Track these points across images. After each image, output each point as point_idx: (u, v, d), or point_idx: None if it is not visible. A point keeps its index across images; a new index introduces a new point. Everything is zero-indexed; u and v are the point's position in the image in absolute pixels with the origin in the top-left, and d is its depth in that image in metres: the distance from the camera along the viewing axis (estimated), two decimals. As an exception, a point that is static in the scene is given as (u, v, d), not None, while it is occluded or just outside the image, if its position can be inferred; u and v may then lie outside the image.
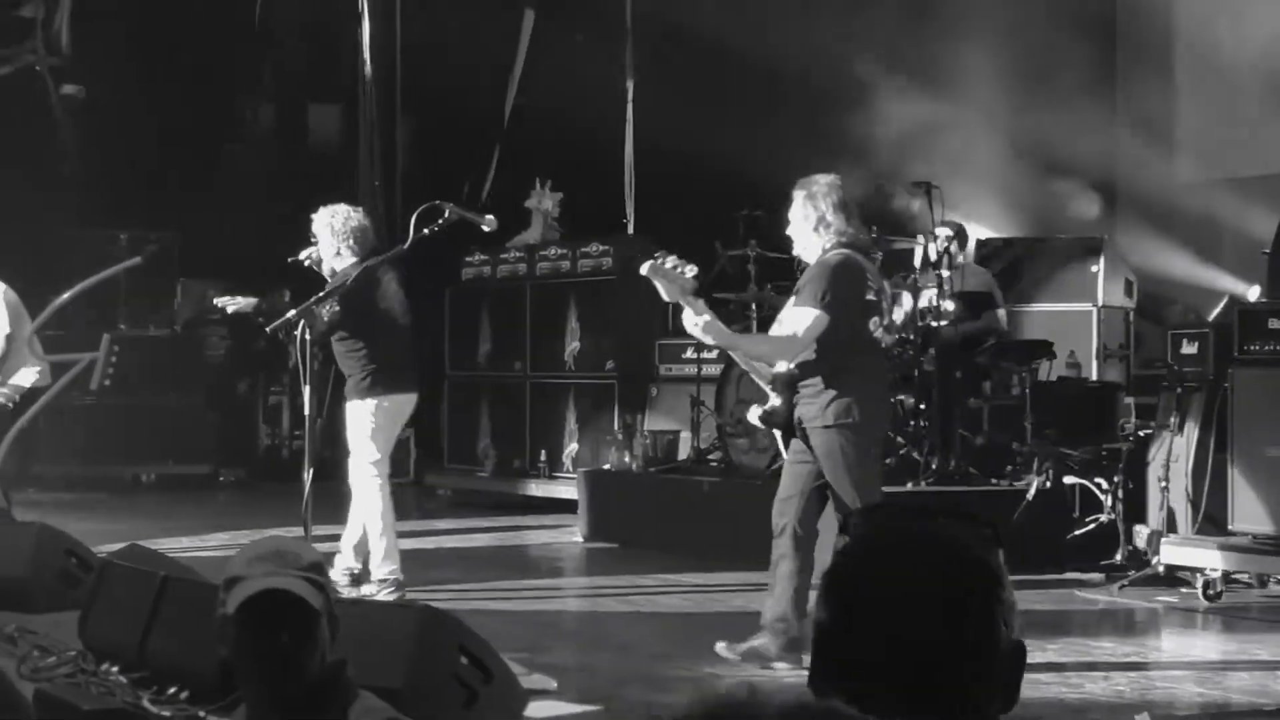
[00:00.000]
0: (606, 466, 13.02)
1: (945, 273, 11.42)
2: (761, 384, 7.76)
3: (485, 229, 8.69)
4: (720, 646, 7.60)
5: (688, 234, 13.87)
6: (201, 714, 6.32)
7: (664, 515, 11.93)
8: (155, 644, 6.92)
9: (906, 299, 11.46)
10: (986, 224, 14.66)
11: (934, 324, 11.36)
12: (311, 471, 7.97)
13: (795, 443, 7.58)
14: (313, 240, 9.79)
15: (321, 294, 8.98)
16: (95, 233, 16.86)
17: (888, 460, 10.92)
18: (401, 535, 12.80)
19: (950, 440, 11.20)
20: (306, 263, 9.89)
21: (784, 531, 7.58)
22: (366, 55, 17.80)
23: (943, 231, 11.73)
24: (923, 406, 11.32)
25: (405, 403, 9.79)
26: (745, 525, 11.10)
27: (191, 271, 17.79)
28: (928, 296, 11.44)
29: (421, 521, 13.94)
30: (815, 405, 7.42)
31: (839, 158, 14.23)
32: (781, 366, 7.57)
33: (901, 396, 11.33)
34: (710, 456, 12.38)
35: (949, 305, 11.42)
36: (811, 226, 7.60)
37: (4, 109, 18.21)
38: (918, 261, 11.61)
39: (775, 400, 7.60)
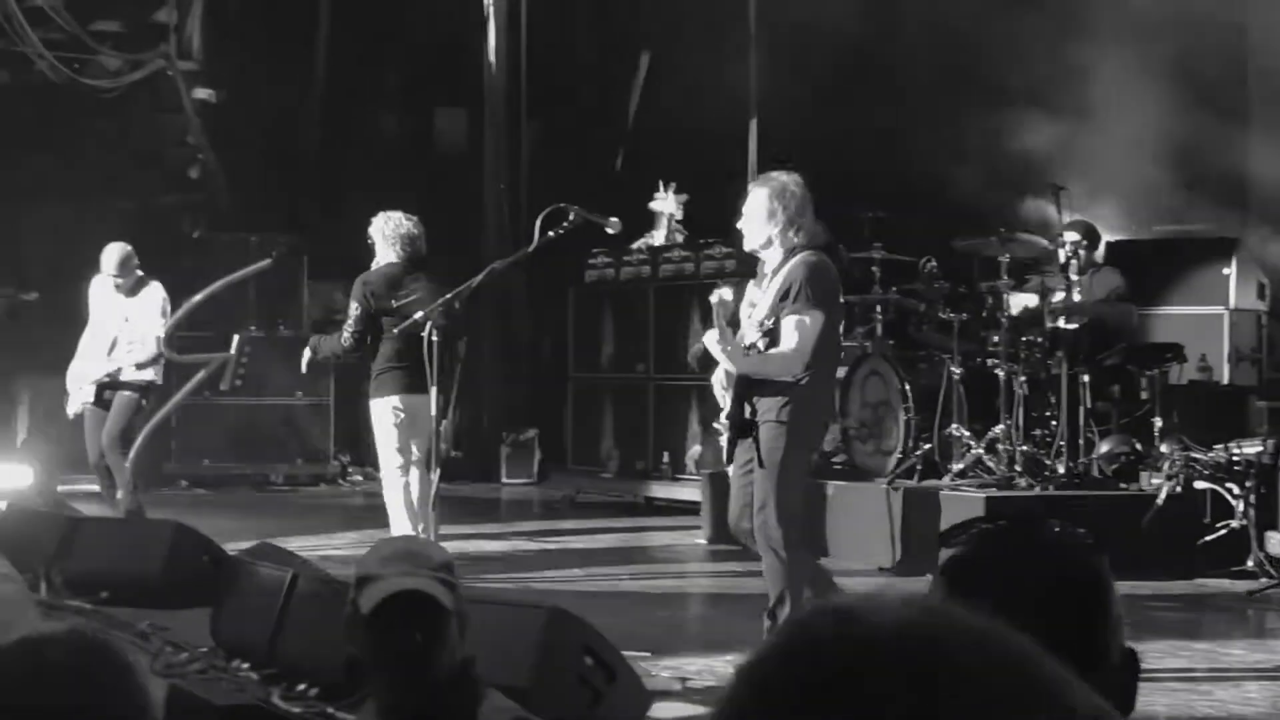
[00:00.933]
0: (729, 469, 12.98)
1: (1074, 275, 11.30)
2: (718, 389, 7.72)
3: (609, 231, 8.73)
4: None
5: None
6: (330, 711, 6.39)
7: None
8: (285, 641, 7.01)
9: (1028, 298, 11.36)
10: (1117, 226, 14.48)
11: (1062, 326, 11.24)
12: (438, 471, 8.04)
13: (741, 452, 7.56)
14: (370, 241, 10.32)
15: (449, 294, 9.05)
16: (226, 236, 17.09)
17: (1014, 463, 10.84)
18: (525, 535, 12.90)
19: (1078, 444, 11.08)
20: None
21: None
22: (492, 59, 17.91)
23: (1070, 234, 11.61)
24: (1050, 410, 11.21)
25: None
26: (869, 527, 11.07)
27: (319, 274, 17.99)
28: (1056, 298, 11.33)
29: (545, 522, 14.01)
30: (773, 402, 7.42)
31: (964, 158, 14.18)
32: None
33: (1030, 399, 11.24)
34: (834, 459, 12.33)
35: (1078, 307, 11.30)
36: (779, 226, 7.54)
37: (137, 113, 18.52)
38: (1051, 263, 11.52)
39: (735, 405, 7.56)
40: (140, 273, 11.66)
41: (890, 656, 1.01)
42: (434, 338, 8.63)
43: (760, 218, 7.58)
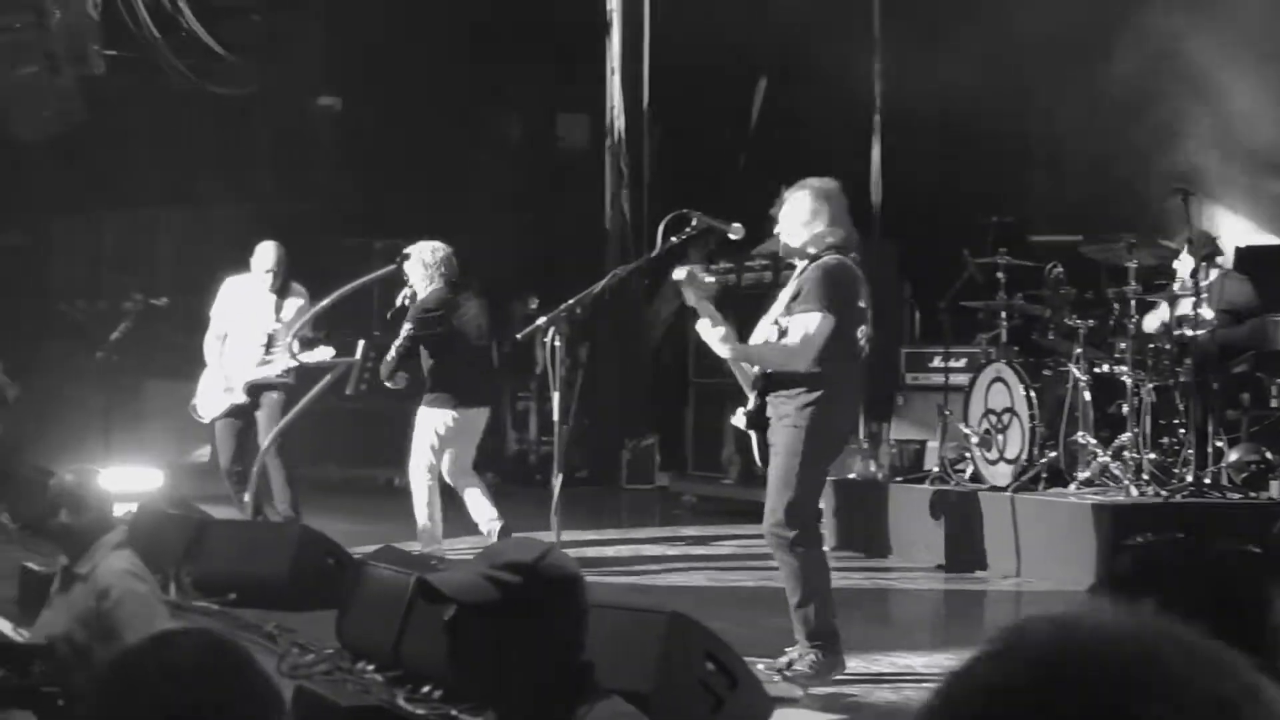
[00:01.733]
0: (852, 475, 12.95)
1: (1203, 281, 11.16)
2: (745, 386, 7.77)
3: (732, 236, 8.70)
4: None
5: (935, 242, 13.79)
6: (454, 713, 6.43)
7: (910, 525, 11.84)
8: (409, 643, 7.06)
9: (1163, 308, 11.24)
10: (1247, 230, 14.28)
11: (1190, 333, 11.11)
12: (561, 476, 8.07)
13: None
14: (405, 280, 11.18)
15: (571, 301, 9.08)
16: (350, 241, 17.26)
17: (1141, 472, 10.72)
18: (645, 541, 12.92)
19: (1207, 453, 10.93)
20: (403, 302, 11.22)
21: None
22: (615, 64, 17.97)
23: (1198, 240, 11.46)
24: (1178, 418, 11.07)
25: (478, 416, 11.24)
26: (992, 535, 10.99)
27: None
28: (1185, 305, 11.19)
29: (666, 528, 14.02)
30: (791, 404, 7.46)
31: (1091, 162, 14.03)
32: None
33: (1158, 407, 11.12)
34: (957, 466, 12.25)
35: (1207, 314, 11.16)
36: (817, 230, 7.61)
37: (263, 120, 18.77)
38: (1178, 269, 11.38)
39: (755, 401, 7.56)
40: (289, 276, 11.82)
41: (1108, 665, 1.03)
42: (556, 343, 8.65)
43: (801, 220, 7.64)
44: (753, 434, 7.71)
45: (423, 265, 11.10)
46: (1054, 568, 10.45)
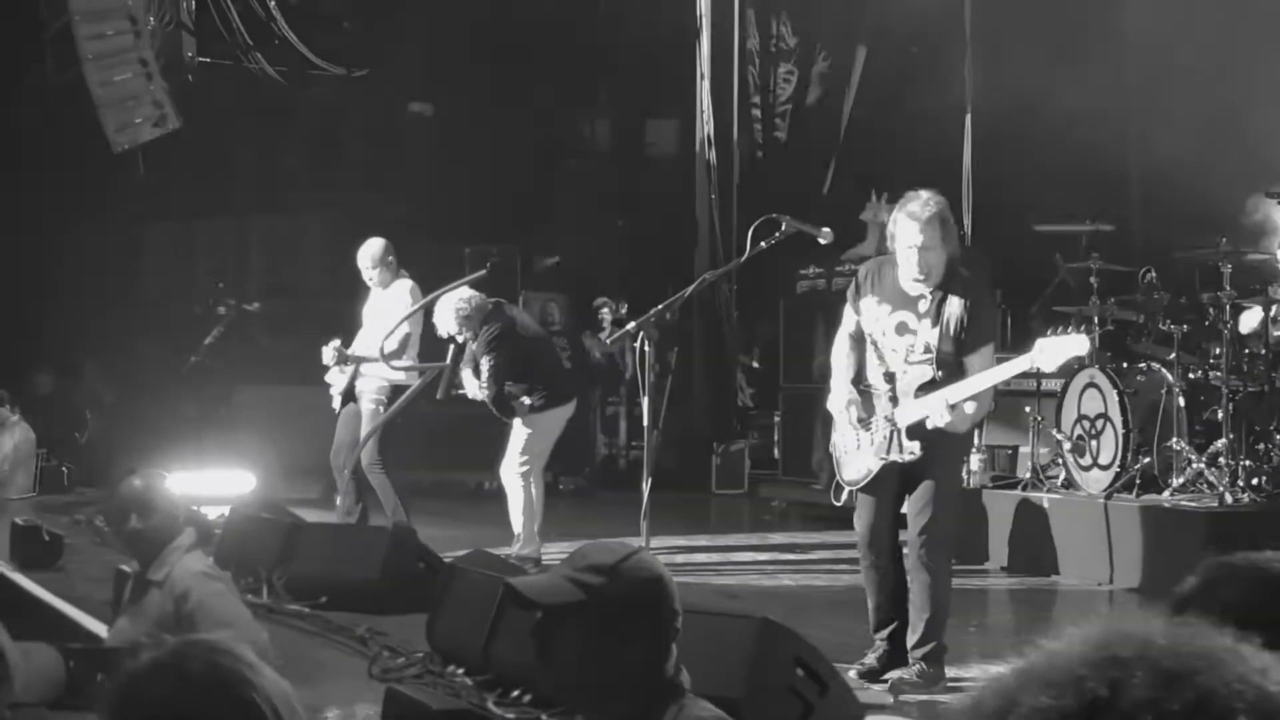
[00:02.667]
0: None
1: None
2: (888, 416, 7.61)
3: (821, 241, 8.66)
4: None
5: (1027, 246, 13.68)
6: (544, 717, 6.45)
7: (1002, 531, 11.75)
8: (499, 648, 7.08)
9: (1257, 309, 11.09)
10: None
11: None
12: (650, 481, 8.07)
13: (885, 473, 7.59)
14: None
15: (661, 305, 9.07)
16: (441, 246, 17.34)
17: (1237, 479, 10.59)
18: (736, 547, 12.90)
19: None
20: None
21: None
22: (704, 69, 17.96)
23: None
24: (1274, 424, 10.93)
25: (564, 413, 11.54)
26: (1085, 542, 10.89)
27: (532, 284, 18.18)
28: (1279, 309, 11.05)
29: (755, 533, 13.99)
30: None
31: (1187, 164, 13.87)
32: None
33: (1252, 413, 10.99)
34: (1050, 473, 12.14)
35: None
36: (951, 249, 7.47)
37: (355, 126, 18.90)
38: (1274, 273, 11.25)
39: (917, 447, 7.48)
40: (399, 270, 11.82)
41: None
42: (645, 347, 8.65)
43: (936, 245, 7.40)
44: (878, 464, 7.60)
45: (457, 318, 11.24)
46: (1147, 574, 10.34)
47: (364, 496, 11.47)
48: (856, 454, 7.66)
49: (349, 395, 11.55)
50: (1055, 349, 7.25)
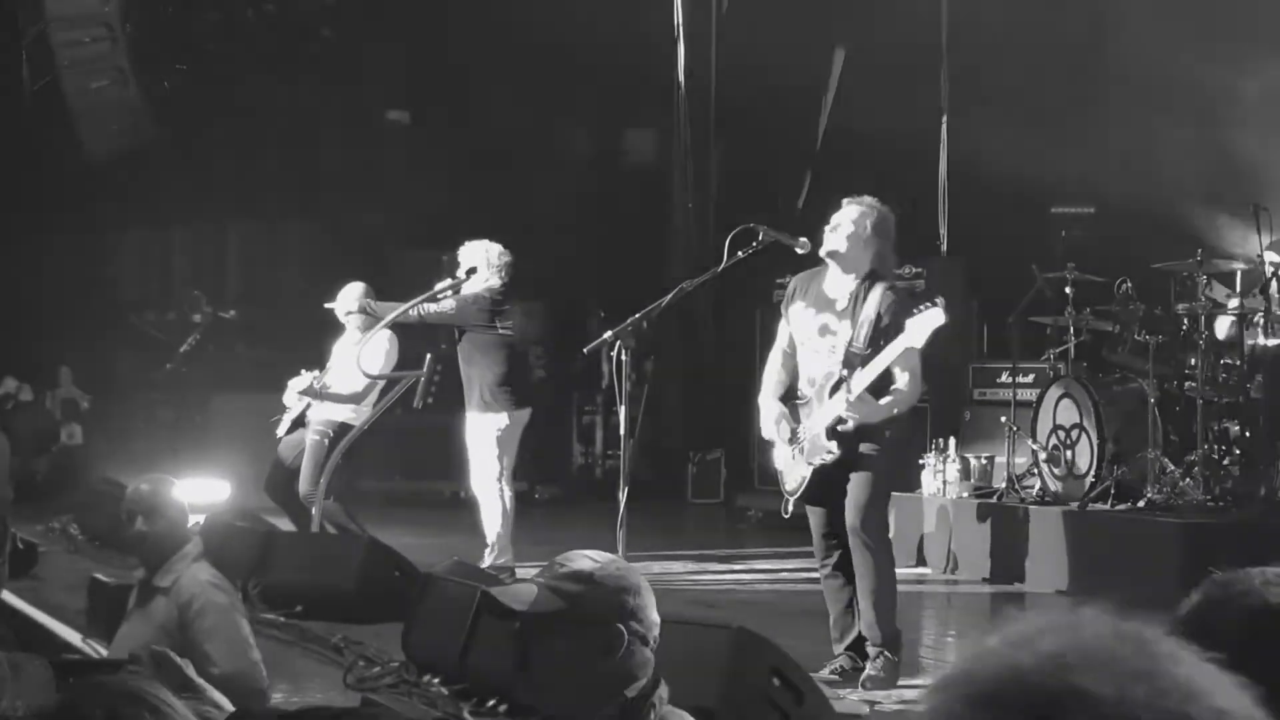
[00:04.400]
0: (919, 491, 12.88)
1: (1275, 296, 11.05)
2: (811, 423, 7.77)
3: (799, 251, 8.67)
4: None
5: (1003, 256, 13.71)
6: (519, 727, 6.44)
7: (978, 542, 11.77)
8: (475, 657, 7.07)
9: (1234, 322, 11.13)
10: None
11: (1262, 342, 11.00)
12: (627, 491, 8.06)
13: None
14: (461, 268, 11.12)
15: (637, 315, 9.07)
16: (416, 254, 17.33)
17: (1212, 489, 10.62)
18: (712, 556, 12.89)
19: (1278, 470, 10.81)
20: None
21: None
22: (681, 79, 17.98)
23: (1271, 255, 11.36)
24: (1250, 434, 10.96)
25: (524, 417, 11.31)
26: (1061, 553, 10.90)
27: (510, 291, 18.15)
28: (1255, 319, 11.09)
29: (731, 542, 13.99)
30: (878, 430, 7.53)
31: (1163, 176, 13.91)
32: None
33: (1228, 423, 11.04)
34: (1025, 483, 12.17)
35: (1278, 327, 11.06)
36: (874, 251, 7.63)
37: (332, 134, 18.88)
38: (1249, 284, 11.28)
39: (836, 448, 7.61)
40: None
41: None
42: (622, 357, 8.64)
43: (861, 238, 7.61)
44: (809, 470, 7.69)
45: (486, 264, 11.15)
46: (1122, 584, 10.36)
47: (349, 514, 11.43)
48: (792, 464, 7.79)
49: (298, 423, 11.54)
50: (920, 325, 7.31)
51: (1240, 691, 1.11)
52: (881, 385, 7.47)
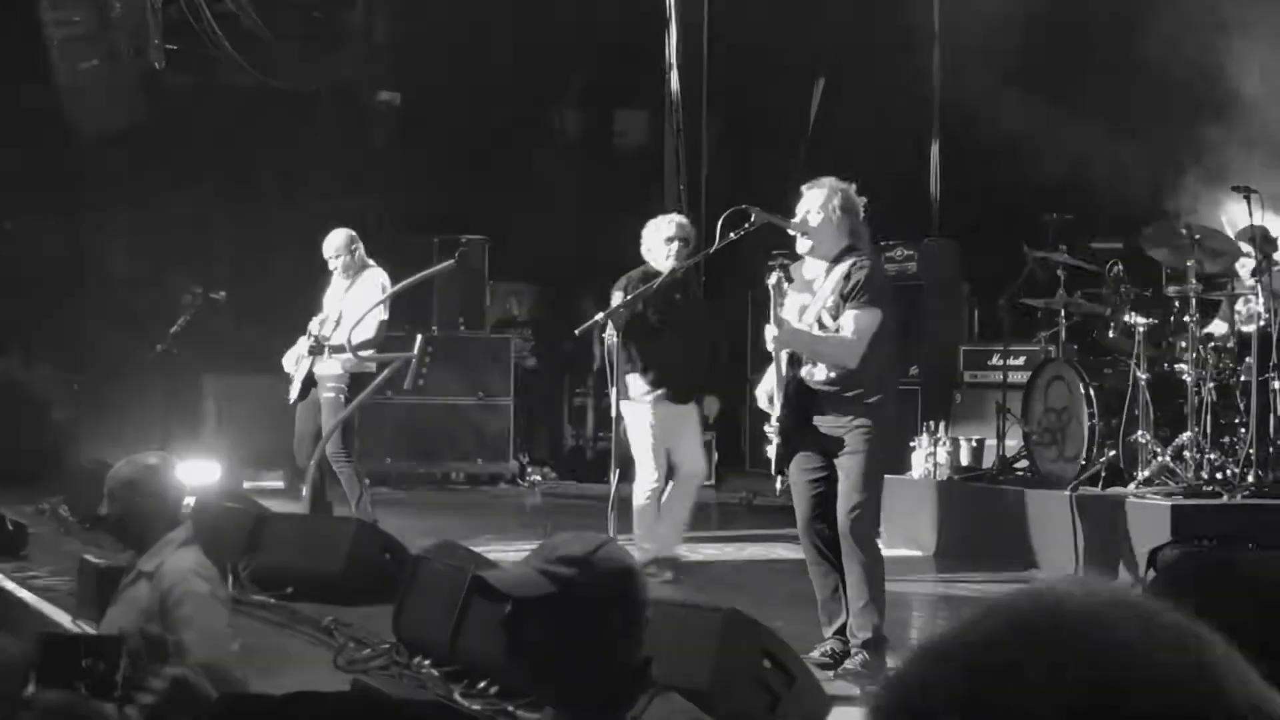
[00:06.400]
0: (910, 473, 12.89)
1: (1264, 279, 11.05)
2: (763, 400, 7.84)
3: (791, 232, 8.66)
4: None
5: (995, 238, 13.71)
6: (511, 709, 6.43)
7: (969, 524, 11.77)
8: (465, 639, 7.06)
9: (1223, 304, 11.13)
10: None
11: (1249, 329, 11.00)
12: (617, 473, 8.06)
13: (805, 460, 7.68)
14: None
15: (630, 296, 9.07)
16: (408, 237, 17.30)
17: (1201, 472, 10.63)
18: (704, 540, 12.90)
19: (1268, 453, 10.82)
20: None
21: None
22: (674, 60, 17.94)
23: (1258, 237, 11.33)
24: (1239, 417, 10.97)
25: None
26: (1052, 535, 10.91)
27: (501, 275, 18.15)
28: (1244, 302, 11.09)
29: (722, 524, 13.99)
30: (855, 408, 7.55)
31: (1154, 160, 13.91)
32: (821, 373, 7.56)
33: (1217, 406, 11.04)
34: (1016, 465, 12.18)
35: (1260, 308, 11.05)
36: (844, 228, 7.70)
37: (323, 115, 18.83)
38: (1238, 268, 11.28)
39: (789, 418, 7.65)
40: (367, 260, 11.72)
41: (1073, 635, 1.06)
42: (613, 339, 8.64)
43: (832, 220, 7.69)
44: (775, 443, 7.71)
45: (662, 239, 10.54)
46: (1113, 567, 10.37)
47: (328, 487, 11.40)
48: (774, 440, 7.78)
49: (309, 384, 11.47)
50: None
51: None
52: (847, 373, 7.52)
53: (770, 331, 7.61)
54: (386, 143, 19.25)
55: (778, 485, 7.95)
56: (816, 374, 7.56)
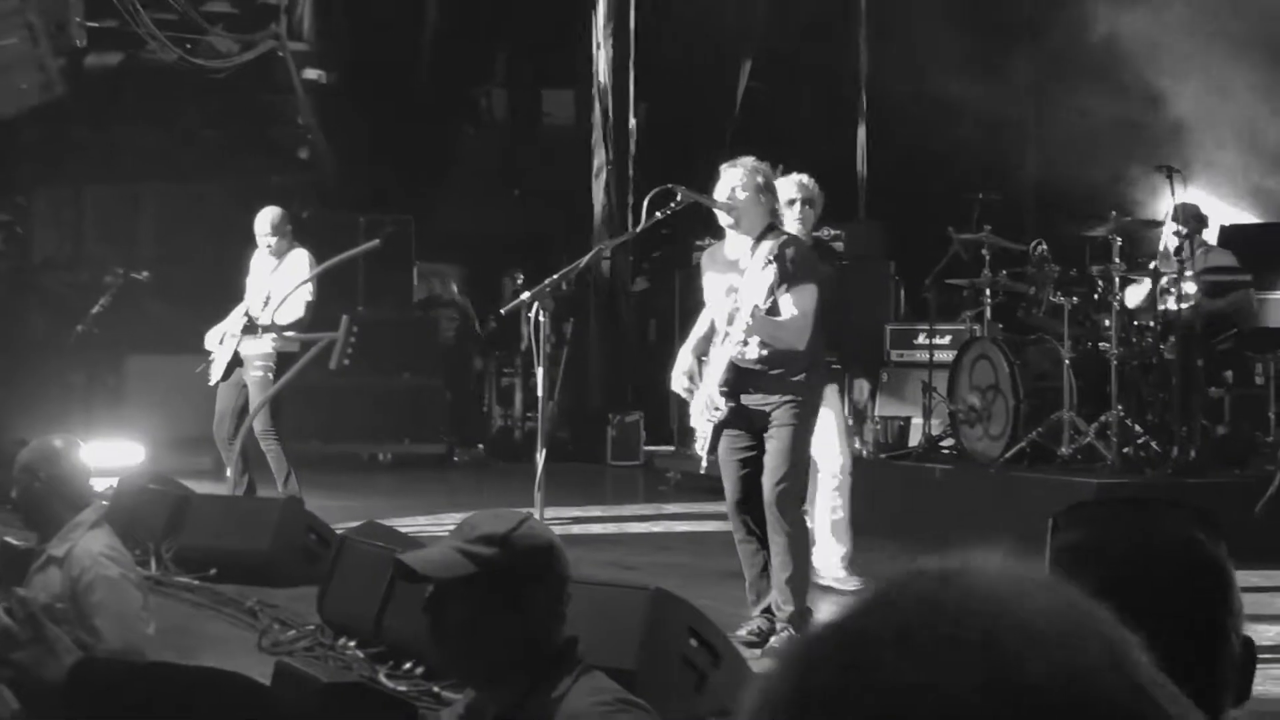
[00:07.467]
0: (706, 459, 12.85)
1: (1186, 258, 11.14)
2: (680, 389, 7.86)
3: (718, 211, 8.65)
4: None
5: (920, 218, 13.76)
6: (436, 689, 6.42)
7: (894, 503, 11.81)
8: (391, 620, 7.04)
9: (1145, 282, 11.21)
10: (1232, 208, 14.27)
11: (1174, 308, 11.09)
12: (544, 452, 8.04)
13: (733, 439, 7.70)
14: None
15: (556, 276, 9.03)
16: (334, 216, 17.20)
17: (1125, 450, 10.71)
18: (631, 518, 12.91)
19: (1191, 430, 10.92)
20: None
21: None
22: (600, 40, 17.90)
23: (1182, 216, 11.43)
24: (1162, 395, 11.06)
25: None
26: (977, 513, 10.97)
27: (427, 254, 18.07)
28: (1168, 281, 11.17)
29: (650, 504, 14.00)
30: (784, 384, 7.57)
31: (1075, 140, 14.00)
32: (753, 351, 7.54)
33: (1140, 384, 11.13)
34: (942, 444, 12.23)
35: (1190, 288, 11.14)
36: (764, 207, 7.69)
37: (247, 93, 18.68)
38: (1162, 246, 11.37)
39: (725, 403, 7.62)
40: (293, 240, 11.64)
41: (974, 614, 1.05)
42: (540, 318, 8.60)
43: (755, 199, 7.67)
44: (710, 420, 7.70)
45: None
46: (1037, 544, 10.43)
47: (251, 468, 11.32)
48: (699, 421, 7.79)
49: (234, 364, 11.37)
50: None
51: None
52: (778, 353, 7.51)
53: (741, 336, 7.50)
54: (313, 121, 19.13)
55: (703, 463, 7.95)
56: (748, 353, 7.55)
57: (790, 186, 9.17)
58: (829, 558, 9.39)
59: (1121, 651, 1.03)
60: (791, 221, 8.95)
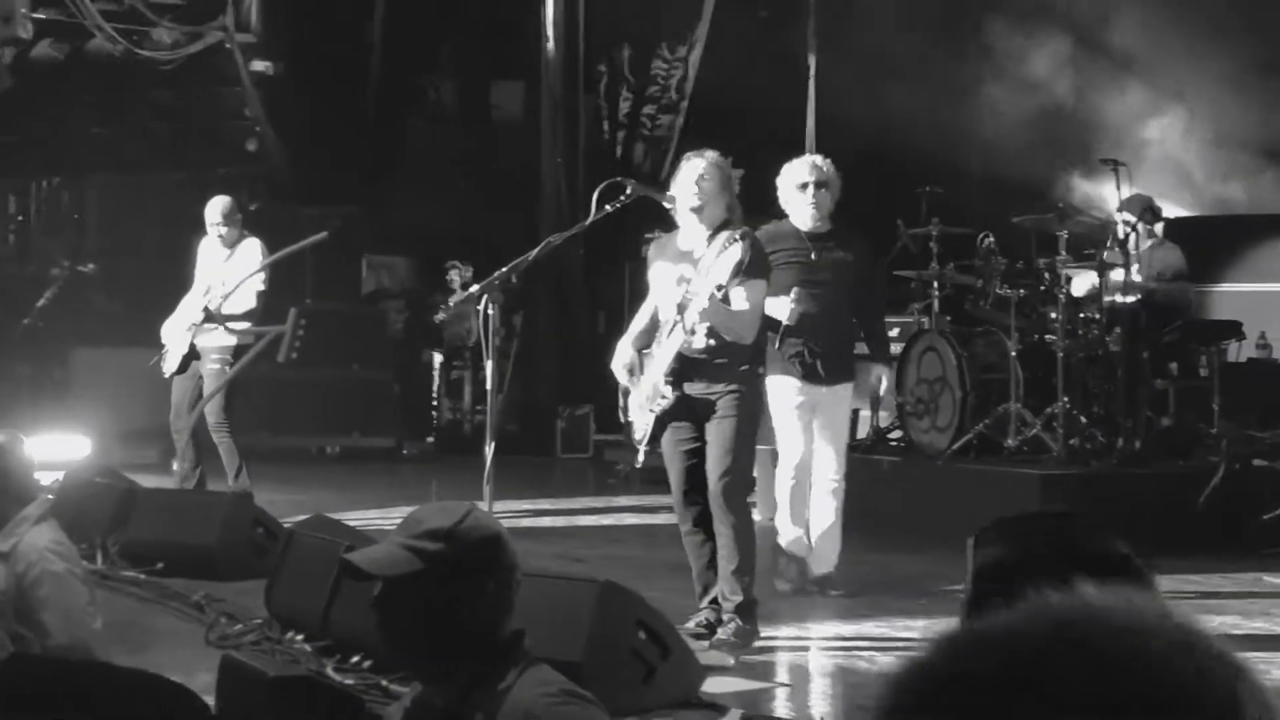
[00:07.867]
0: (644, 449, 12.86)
1: (1133, 251, 11.21)
2: (622, 375, 7.89)
3: (667, 205, 8.66)
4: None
5: (869, 210, 13.78)
6: (384, 683, 6.41)
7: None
8: (338, 613, 7.03)
9: (1091, 276, 11.27)
10: (1177, 203, 14.36)
11: (1121, 299, 11.16)
12: (493, 445, 8.04)
13: (678, 431, 7.72)
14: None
15: (505, 269, 9.02)
16: (282, 208, 17.13)
17: (1071, 441, 10.78)
18: (581, 511, 12.92)
19: (1136, 422, 11.00)
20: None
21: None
22: (549, 31, 17.88)
23: (1129, 210, 11.50)
24: (1108, 387, 11.14)
25: None
26: (925, 504, 11.02)
27: (375, 247, 18.03)
28: (1115, 274, 11.24)
29: (600, 497, 14.01)
30: (730, 373, 7.58)
31: (1023, 132, 14.07)
32: (700, 341, 7.56)
33: (1086, 376, 11.20)
34: (890, 436, 12.28)
35: (1137, 279, 11.22)
36: (726, 200, 7.73)
37: (194, 85, 18.58)
38: (1110, 240, 11.44)
39: (672, 391, 7.64)
40: (244, 230, 11.59)
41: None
42: (489, 311, 8.59)
43: (716, 191, 7.70)
44: (654, 409, 7.70)
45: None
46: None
47: (202, 461, 11.29)
48: (639, 413, 7.83)
49: (191, 356, 11.31)
50: (722, 263, 7.41)
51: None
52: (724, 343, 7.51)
53: (692, 325, 7.51)
54: (261, 113, 19.04)
55: (640, 455, 7.95)
56: (695, 342, 7.56)
57: (803, 169, 9.18)
58: (820, 565, 9.28)
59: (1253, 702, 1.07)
60: (805, 206, 9.02)
